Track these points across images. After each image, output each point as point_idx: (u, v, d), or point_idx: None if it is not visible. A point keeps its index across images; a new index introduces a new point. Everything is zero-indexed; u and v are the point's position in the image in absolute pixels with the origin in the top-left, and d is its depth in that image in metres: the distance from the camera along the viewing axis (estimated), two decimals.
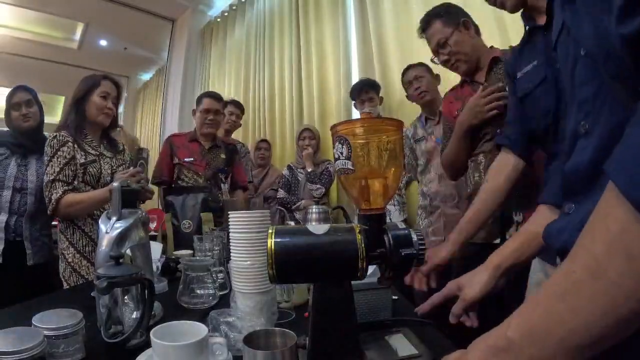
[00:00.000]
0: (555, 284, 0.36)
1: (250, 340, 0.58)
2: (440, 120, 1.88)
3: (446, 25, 1.36)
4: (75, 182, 1.45)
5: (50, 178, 1.41)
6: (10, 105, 1.74)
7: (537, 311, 0.37)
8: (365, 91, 2.37)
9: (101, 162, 1.52)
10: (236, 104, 2.81)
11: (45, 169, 1.44)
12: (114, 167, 1.56)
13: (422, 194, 2.01)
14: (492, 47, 1.47)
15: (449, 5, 1.44)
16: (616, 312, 0.30)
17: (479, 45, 1.38)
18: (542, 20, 0.96)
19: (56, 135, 1.45)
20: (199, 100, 2.26)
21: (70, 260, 1.45)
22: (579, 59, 0.51)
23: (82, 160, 1.46)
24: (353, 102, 2.51)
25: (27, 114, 1.73)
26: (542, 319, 0.35)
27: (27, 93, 1.76)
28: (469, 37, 1.35)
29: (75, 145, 1.46)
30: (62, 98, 6.78)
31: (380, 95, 2.46)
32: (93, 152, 1.51)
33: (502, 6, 1.03)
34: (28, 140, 1.72)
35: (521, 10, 1.04)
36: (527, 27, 1.04)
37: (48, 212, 1.45)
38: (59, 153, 1.42)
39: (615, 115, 0.46)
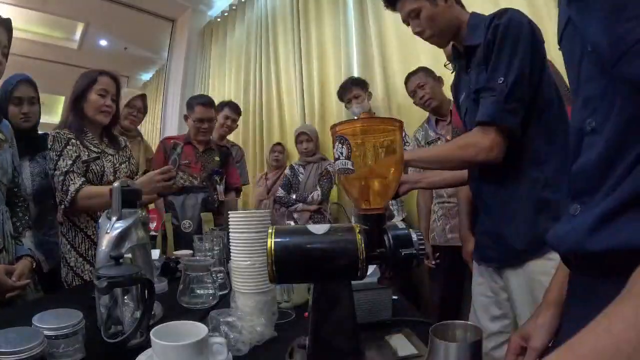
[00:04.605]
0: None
1: (436, 333, 0.54)
2: (451, 120, 1.92)
3: None
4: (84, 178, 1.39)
5: (64, 170, 1.34)
6: (10, 98, 1.56)
7: None
8: (350, 90, 2.39)
9: (103, 159, 1.46)
10: (233, 107, 2.68)
11: (56, 164, 1.35)
12: (117, 165, 1.51)
13: (436, 193, 2.02)
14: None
15: None
16: None
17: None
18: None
19: (59, 132, 1.39)
20: (190, 107, 2.21)
21: (72, 264, 1.40)
22: (585, 54, 0.50)
23: (85, 158, 1.41)
24: (343, 103, 2.52)
25: (28, 113, 1.59)
26: None
27: (32, 89, 1.61)
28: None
29: (78, 142, 1.41)
30: (62, 98, 6.75)
31: (369, 91, 2.47)
32: (95, 149, 1.45)
33: (434, 44, 1.13)
34: (21, 142, 1.49)
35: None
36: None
37: (64, 204, 1.34)
38: (68, 147, 1.37)
39: (624, 113, 0.44)
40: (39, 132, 1.74)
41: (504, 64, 0.93)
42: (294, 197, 2.61)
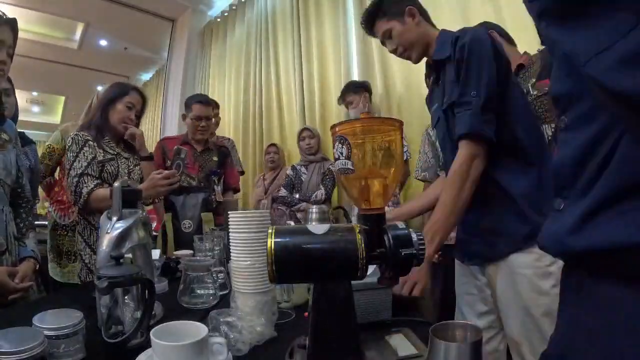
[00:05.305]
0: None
1: (436, 333, 0.54)
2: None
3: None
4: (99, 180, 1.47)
5: (79, 172, 1.42)
6: None
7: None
8: (344, 97, 2.47)
9: (118, 161, 1.54)
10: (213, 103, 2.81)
11: (72, 164, 1.44)
12: (131, 167, 1.58)
13: None
14: (525, 53, 1.60)
15: None
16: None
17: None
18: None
19: (78, 134, 1.47)
20: (188, 105, 2.23)
21: (87, 261, 1.46)
22: (559, 57, 0.52)
23: (101, 158, 1.49)
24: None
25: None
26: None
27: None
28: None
29: (95, 144, 1.49)
30: (62, 98, 6.77)
31: (367, 93, 2.48)
32: (111, 151, 1.54)
33: (408, 58, 1.22)
34: None
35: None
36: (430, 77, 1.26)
37: (78, 205, 1.45)
38: (85, 149, 1.45)
39: (593, 111, 0.46)
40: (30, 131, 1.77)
41: (474, 79, 1.02)
42: (297, 196, 2.62)
